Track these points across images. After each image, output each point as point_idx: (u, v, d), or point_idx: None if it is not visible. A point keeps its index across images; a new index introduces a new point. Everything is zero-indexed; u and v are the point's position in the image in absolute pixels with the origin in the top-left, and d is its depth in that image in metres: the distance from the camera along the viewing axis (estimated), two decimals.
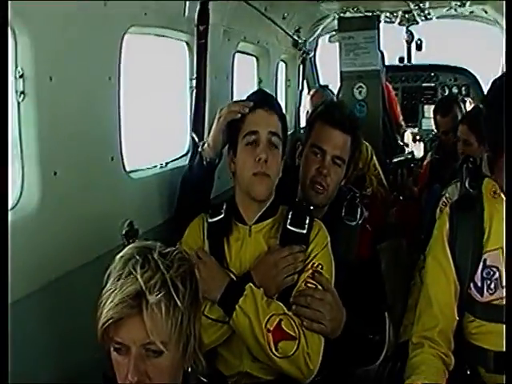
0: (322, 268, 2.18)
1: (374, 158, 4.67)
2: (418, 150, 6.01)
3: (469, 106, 5.33)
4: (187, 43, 3.11)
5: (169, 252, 1.53)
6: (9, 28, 1.71)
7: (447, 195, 3.21)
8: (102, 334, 1.47)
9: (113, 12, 2.20)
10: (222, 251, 2.26)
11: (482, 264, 2.05)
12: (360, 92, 5.61)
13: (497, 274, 2.02)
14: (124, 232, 2.37)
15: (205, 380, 1.69)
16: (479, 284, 2.05)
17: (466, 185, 3.06)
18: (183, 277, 1.50)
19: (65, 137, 1.99)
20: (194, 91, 3.08)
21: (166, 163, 2.92)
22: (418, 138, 6.29)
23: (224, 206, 2.31)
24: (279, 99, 4.79)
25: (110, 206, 2.30)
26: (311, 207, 2.43)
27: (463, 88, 6.58)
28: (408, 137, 6.35)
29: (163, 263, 1.48)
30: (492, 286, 2.02)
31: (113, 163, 2.30)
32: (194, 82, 3.08)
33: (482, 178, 2.25)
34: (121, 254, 1.52)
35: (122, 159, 2.37)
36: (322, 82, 6.03)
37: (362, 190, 4.11)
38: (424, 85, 6.74)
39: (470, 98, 6.28)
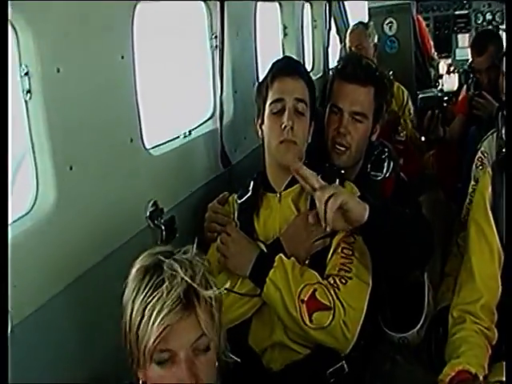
0: None
1: (410, 102, 4.44)
2: (452, 82, 5.77)
3: None
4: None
5: (185, 251, 1.50)
6: (9, 26, 1.59)
7: (483, 149, 3.06)
8: (145, 352, 1.39)
9: None
10: (252, 224, 2.21)
11: None
12: (390, 27, 5.43)
13: None
14: (148, 213, 2.27)
15: (238, 359, 1.62)
16: None
17: (503, 136, 2.90)
18: (208, 271, 1.49)
19: (78, 128, 1.87)
20: (215, 50, 2.94)
21: (189, 131, 2.77)
22: (451, 69, 6.06)
23: (251, 184, 2.28)
24: (305, 42, 4.63)
25: (132, 189, 2.20)
26: (342, 170, 2.34)
27: (497, 14, 6.16)
28: (442, 68, 6.13)
29: (193, 260, 1.46)
30: None
31: (132, 144, 2.18)
32: (214, 41, 2.93)
33: None
34: (141, 265, 1.45)
35: (142, 138, 2.25)
36: (350, 20, 5.78)
37: (396, 135, 4.00)
38: (457, 13, 6.33)
39: None
